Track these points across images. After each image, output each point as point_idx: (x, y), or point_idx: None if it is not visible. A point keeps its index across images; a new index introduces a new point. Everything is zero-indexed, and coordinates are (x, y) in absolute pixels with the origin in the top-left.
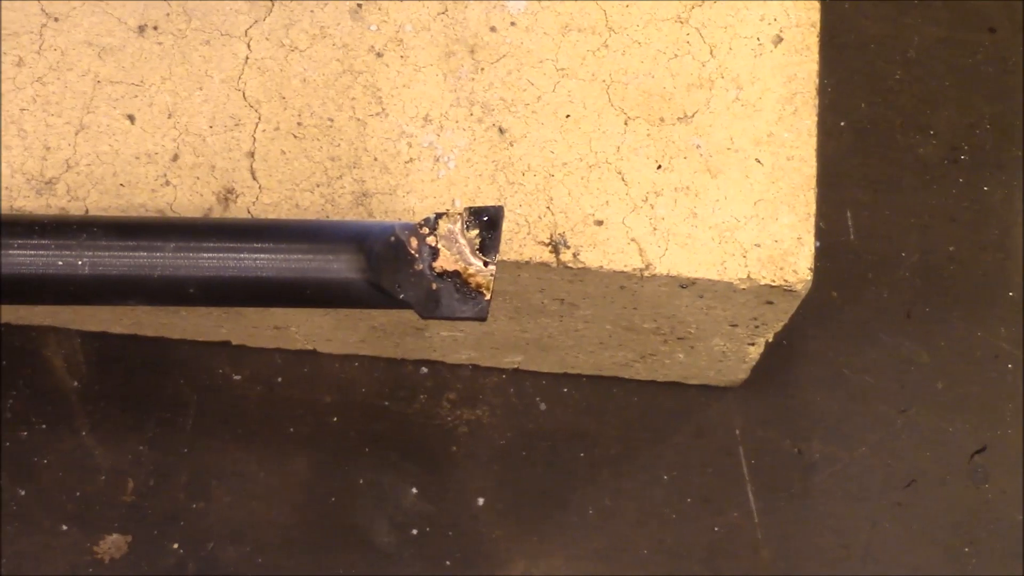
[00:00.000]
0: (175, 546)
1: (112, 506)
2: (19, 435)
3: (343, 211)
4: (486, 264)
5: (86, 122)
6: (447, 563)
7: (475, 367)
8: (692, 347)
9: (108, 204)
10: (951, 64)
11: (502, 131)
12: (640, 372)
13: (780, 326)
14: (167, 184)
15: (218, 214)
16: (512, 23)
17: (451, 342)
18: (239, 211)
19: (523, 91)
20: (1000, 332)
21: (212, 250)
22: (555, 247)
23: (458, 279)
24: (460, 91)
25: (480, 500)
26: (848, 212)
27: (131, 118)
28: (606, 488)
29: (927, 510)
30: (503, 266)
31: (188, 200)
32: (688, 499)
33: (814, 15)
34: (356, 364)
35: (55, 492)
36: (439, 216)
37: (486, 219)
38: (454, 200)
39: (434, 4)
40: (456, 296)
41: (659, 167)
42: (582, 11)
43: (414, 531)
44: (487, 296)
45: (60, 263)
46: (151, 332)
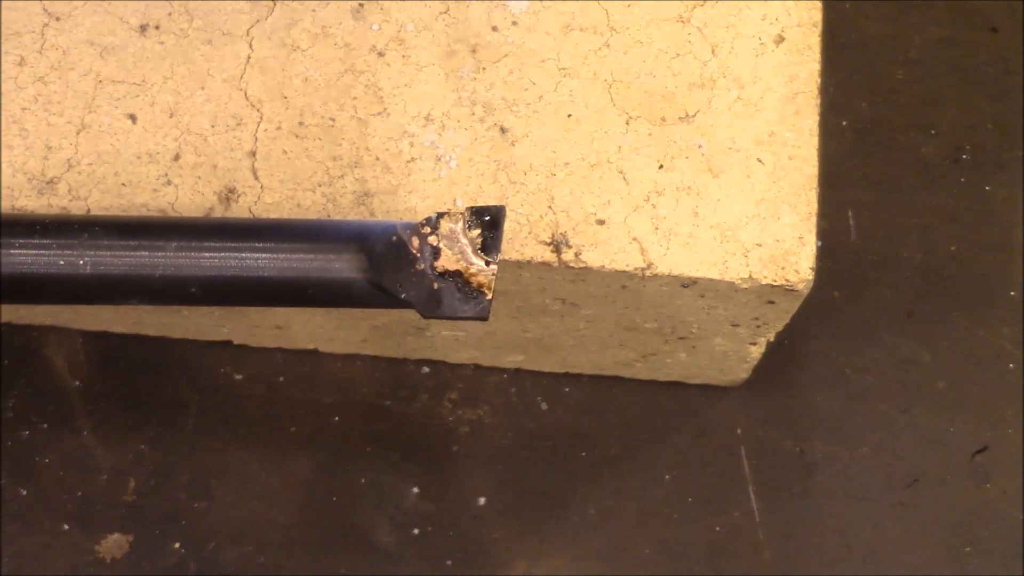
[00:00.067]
0: (176, 546)
1: (113, 506)
2: (20, 435)
3: (345, 211)
4: (488, 264)
5: (88, 121)
6: (448, 563)
7: (476, 367)
8: (693, 347)
9: (110, 203)
10: (953, 64)
11: (504, 130)
12: (641, 372)
13: (781, 326)
14: (169, 184)
15: (220, 214)
16: (514, 22)
17: (452, 342)
18: (241, 211)
19: (525, 91)
20: (1001, 332)
21: (214, 250)
22: (557, 247)
23: (460, 279)
24: (462, 90)
25: (481, 500)
26: (850, 212)
27: (133, 117)
28: (607, 488)
29: (928, 510)
30: (505, 266)
31: (189, 200)
32: (689, 499)
33: (816, 15)
34: (357, 364)
35: (56, 492)
36: (441, 216)
37: (488, 219)
38: (456, 200)
39: (436, 3)
40: (457, 296)
41: (661, 167)
42: (584, 10)
43: (415, 531)
44: (489, 296)
45: (62, 263)
46: (152, 332)
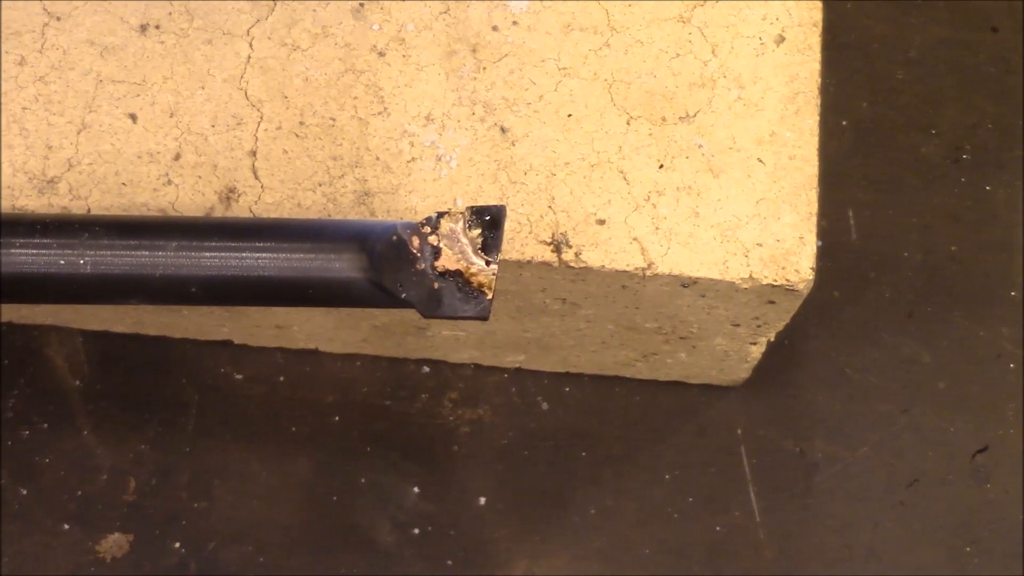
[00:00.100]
0: (177, 545)
1: (114, 505)
2: (20, 434)
3: (345, 210)
4: (488, 263)
5: (88, 121)
6: (449, 563)
7: (477, 366)
8: (694, 346)
9: (110, 203)
10: (953, 64)
11: (504, 130)
12: (642, 371)
13: (782, 325)
14: (169, 183)
15: (220, 213)
16: (514, 22)
17: (453, 341)
18: (241, 210)
19: (525, 90)
20: (1002, 332)
21: (214, 249)
22: (557, 246)
23: (460, 278)
24: (462, 90)
25: (482, 500)
26: (850, 211)
27: (133, 117)
28: (608, 488)
29: (929, 510)
30: (505, 265)
31: (190, 199)
32: (690, 499)
33: (816, 15)
34: (358, 363)
35: (56, 491)
36: (441, 215)
37: (488, 218)
38: (456, 199)
39: (436, 3)
40: (458, 295)
41: (661, 166)
42: (584, 10)
43: (416, 531)
44: (489, 295)
45: (62, 262)
46: (153, 331)
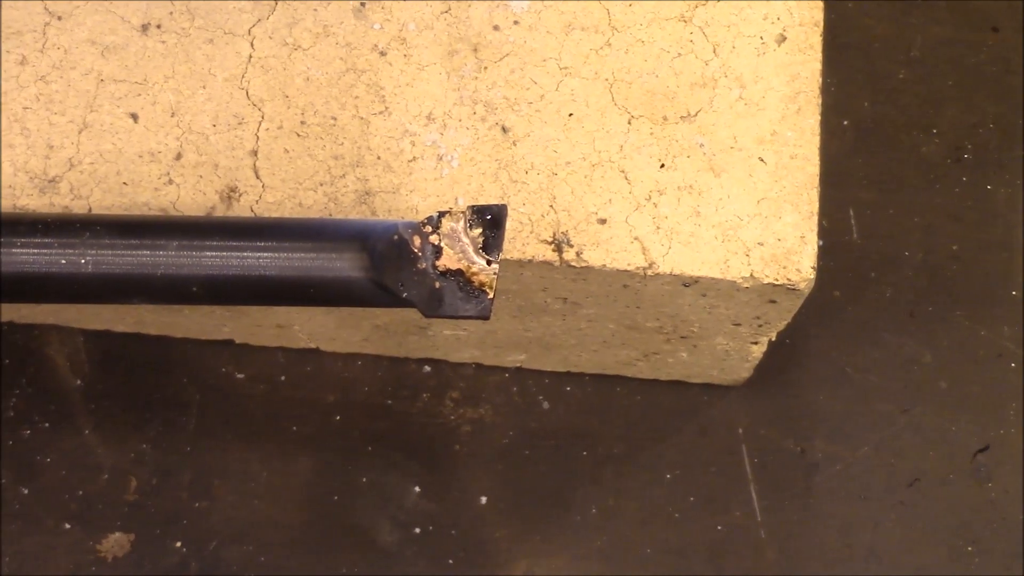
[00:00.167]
0: (178, 545)
1: (115, 505)
2: (21, 434)
3: (346, 210)
4: (489, 263)
5: (89, 121)
6: (450, 562)
7: (478, 366)
8: (695, 346)
9: (111, 203)
10: (954, 64)
11: (505, 130)
12: (643, 371)
13: (783, 325)
14: (170, 183)
15: (221, 213)
16: (515, 22)
17: (454, 341)
18: (242, 210)
19: (526, 90)
20: (1003, 331)
21: (215, 249)
22: (558, 246)
23: (461, 278)
24: (463, 90)
25: (483, 499)
26: (851, 211)
27: (134, 117)
28: (609, 487)
29: (930, 509)
30: (506, 265)
31: (191, 199)
32: (691, 498)
33: (817, 14)
34: (359, 363)
35: (58, 491)
36: (442, 215)
37: (489, 218)
38: (457, 199)
39: (437, 3)
40: (459, 295)
41: (662, 166)
42: (585, 10)
43: (417, 530)
44: (490, 295)
45: (63, 262)
46: (154, 331)
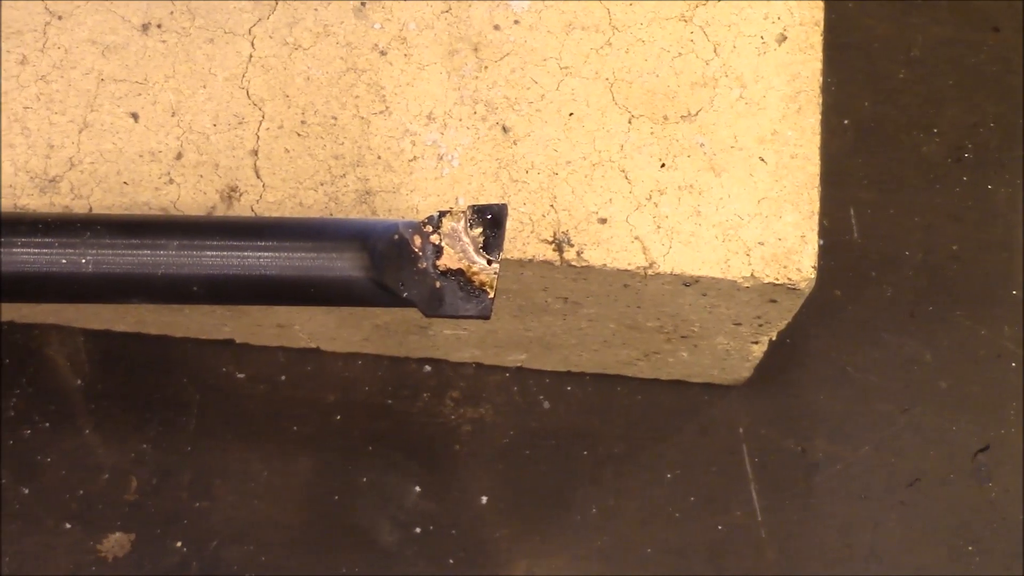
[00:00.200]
0: (178, 545)
1: (115, 505)
2: (22, 434)
3: (347, 209)
4: (489, 262)
5: (90, 120)
6: (450, 562)
7: (478, 365)
8: (695, 345)
9: (112, 202)
10: (955, 63)
11: (506, 129)
12: (643, 370)
13: (784, 324)
14: (171, 182)
15: (222, 212)
16: (516, 21)
17: (454, 340)
18: (243, 209)
19: (527, 89)
20: (1003, 331)
21: (216, 248)
22: (559, 245)
23: (462, 277)
24: (464, 89)
25: (483, 499)
26: (852, 211)
27: (135, 116)
28: (609, 487)
29: (930, 509)
30: (506, 264)
31: (192, 198)
32: (691, 498)
33: (818, 14)
34: (359, 362)
35: (58, 491)
36: (443, 214)
37: (489, 217)
38: (457, 198)
39: (438, 2)
40: (459, 294)
41: (663, 165)
42: (586, 9)
43: (417, 530)
44: (490, 294)
45: (64, 261)
46: (154, 330)
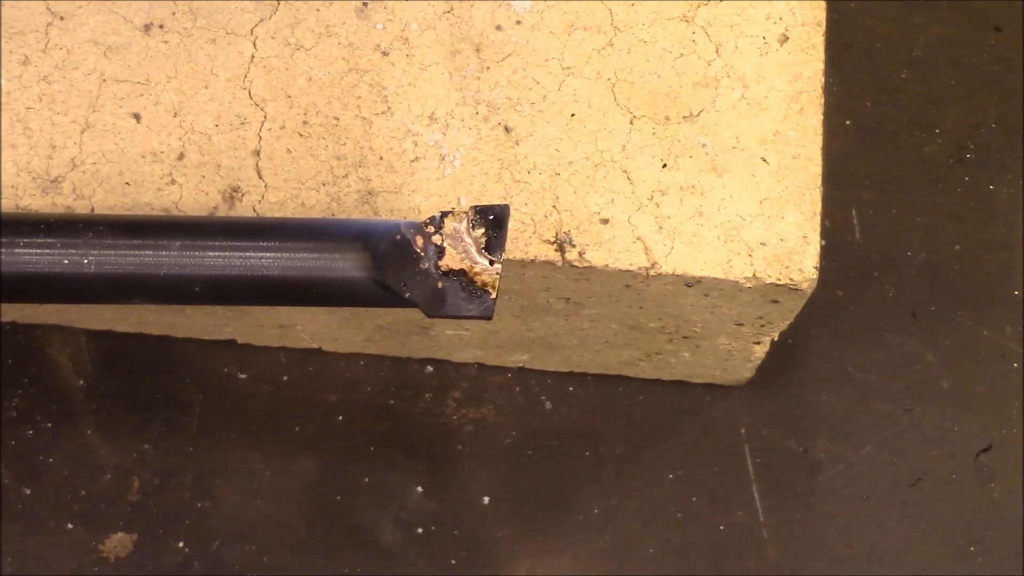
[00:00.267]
0: (180, 545)
1: (117, 505)
2: (24, 434)
3: (349, 210)
4: (492, 263)
5: (92, 121)
6: (452, 562)
7: (480, 366)
8: (697, 346)
9: (114, 203)
10: (957, 63)
11: (508, 130)
12: (645, 371)
13: (786, 325)
14: (173, 183)
15: (224, 213)
16: (518, 22)
17: (456, 341)
18: (245, 210)
19: (529, 90)
20: (1005, 331)
21: (218, 249)
22: (561, 246)
23: (464, 278)
24: (466, 90)
25: (485, 499)
26: (854, 211)
27: (137, 117)
28: (611, 487)
29: (932, 509)
30: (509, 265)
31: (194, 199)
32: (694, 498)
33: (820, 14)
34: (361, 363)
35: (60, 491)
36: (445, 215)
37: (492, 217)
38: (460, 199)
39: (440, 3)
40: (462, 295)
41: (664, 166)
42: (588, 10)
43: (419, 530)
44: (493, 295)
45: (66, 261)
46: (156, 331)
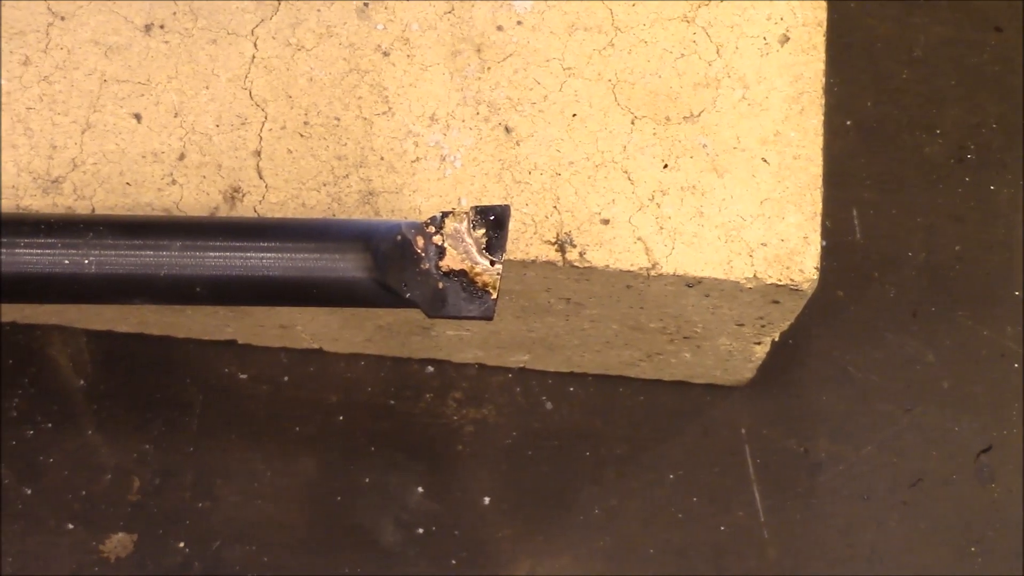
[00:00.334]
0: (181, 545)
1: (117, 505)
2: (24, 434)
3: (349, 210)
4: (492, 263)
5: (92, 121)
6: (453, 562)
7: (481, 366)
8: (698, 346)
9: (114, 203)
10: (957, 64)
11: (508, 130)
12: (646, 371)
13: (786, 325)
14: (173, 183)
15: (224, 213)
16: (519, 22)
17: (457, 341)
18: (245, 210)
19: (529, 90)
20: (1006, 331)
21: (218, 249)
22: (561, 246)
23: (464, 278)
24: (466, 90)
25: (486, 499)
26: (854, 211)
27: (137, 117)
28: (612, 487)
29: (933, 509)
30: (509, 265)
31: (194, 199)
32: (694, 498)
33: (821, 14)
34: (362, 363)
35: (60, 491)
36: (445, 215)
37: (492, 218)
38: (460, 199)
39: (441, 3)
40: (462, 295)
41: (665, 166)
42: (588, 10)
43: (420, 530)
44: (493, 295)
45: (66, 262)
46: (157, 331)
